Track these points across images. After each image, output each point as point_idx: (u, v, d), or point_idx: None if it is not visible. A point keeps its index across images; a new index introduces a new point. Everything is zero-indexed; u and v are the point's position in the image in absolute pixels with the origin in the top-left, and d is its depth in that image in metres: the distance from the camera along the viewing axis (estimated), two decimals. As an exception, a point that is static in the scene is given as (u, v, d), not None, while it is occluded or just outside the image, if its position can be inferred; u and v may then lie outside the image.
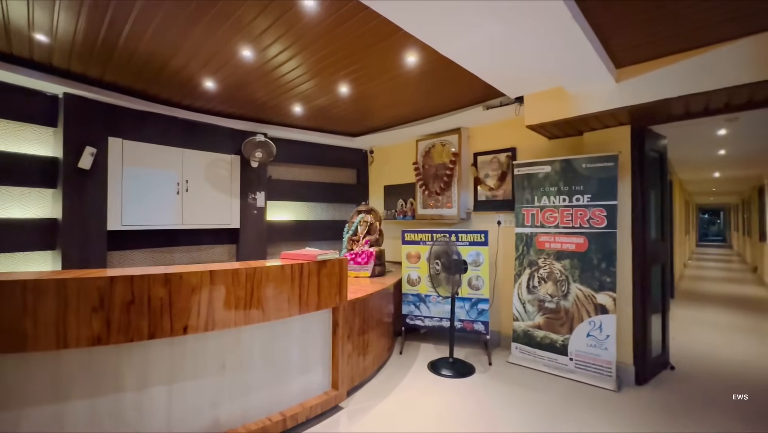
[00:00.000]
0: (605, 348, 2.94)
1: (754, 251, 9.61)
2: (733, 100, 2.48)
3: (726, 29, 2.13)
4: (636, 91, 2.56)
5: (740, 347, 3.92)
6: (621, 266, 3.01)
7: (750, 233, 10.48)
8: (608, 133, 3.15)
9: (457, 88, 3.27)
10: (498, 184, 3.93)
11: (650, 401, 2.71)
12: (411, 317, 3.86)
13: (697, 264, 11.72)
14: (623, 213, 3.03)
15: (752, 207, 9.71)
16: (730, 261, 12.76)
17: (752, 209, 9.74)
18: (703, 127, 3.65)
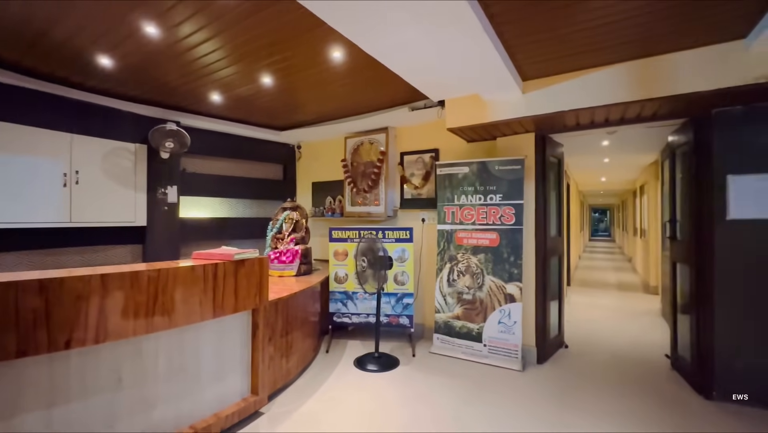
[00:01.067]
0: (513, 333, 3.25)
1: (629, 244, 11.49)
2: (611, 116, 2.93)
3: (605, 55, 2.50)
4: (538, 102, 2.88)
5: (620, 324, 4.66)
6: (526, 259, 3.36)
7: (627, 229, 12.51)
8: (517, 139, 3.49)
9: (384, 87, 3.33)
10: (423, 183, 4.10)
11: (548, 376, 3.07)
12: (338, 314, 3.84)
13: (589, 256, 13.63)
14: (528, 211, 3.39)
15: (629, 207, 11.61)
16: (613, 253, 15.08)
17: (628, 209, 11.64)
18: (591, 138, 4.24)
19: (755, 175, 2.52)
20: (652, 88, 2.48)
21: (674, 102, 2.57)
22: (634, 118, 2.99)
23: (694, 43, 2.33)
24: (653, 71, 2.48)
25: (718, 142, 2.65)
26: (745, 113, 2.58)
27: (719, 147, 2.64)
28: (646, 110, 2.78)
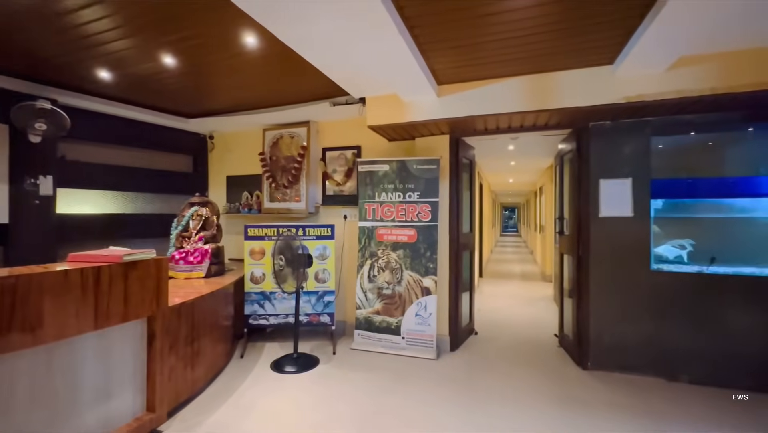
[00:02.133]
0: (429, 324, 3.43)
1: (531, 238, 12.97)
2: (513, 123, 3.25)
3: (510, 67, 2.75)
4: (452, 106, 3.06)
5: (521, 310, 5.22)
6: (441, 254, 3.57)
7: (530, 225, 14.10)
8: (433, 140, 3.67)
9: (304, 80, 3.22)
10: (345, 179, 4.09)
11: (460, 362, 3.31)
12: (255, 316, 3.64)
13: (500, 250, 15.05)
14: (443, 209, 3.60)
15: (531, 206, 13.09)
16: (519, 247, 16.88)
17: (531, 208, 13.13)
18: (498, 142, 4.66)
19: (616, 180, 3.02)
20: (545, 101, 2.81)
21: (561, 114, 2.95)
22: (532, 126, 3.36)
23: (576, 65, 2.69)
24: (546, 86, 2.81)
25: (593, 151, 3.11)
26: (613, 127, 3.08)
27: (594, 155, 3.11)
28: (540, 120, 3.15)
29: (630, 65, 2.45)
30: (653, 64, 2.42)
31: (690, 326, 2.88)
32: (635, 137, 3.02)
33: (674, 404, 2.58)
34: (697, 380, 2.86)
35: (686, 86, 2.48)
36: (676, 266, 3.04)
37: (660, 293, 2.95)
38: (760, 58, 2.34)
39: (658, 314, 2.96)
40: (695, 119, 2.92)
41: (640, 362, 3.00)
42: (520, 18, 2.08)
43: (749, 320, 2.76)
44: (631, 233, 3.02)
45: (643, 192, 3.00)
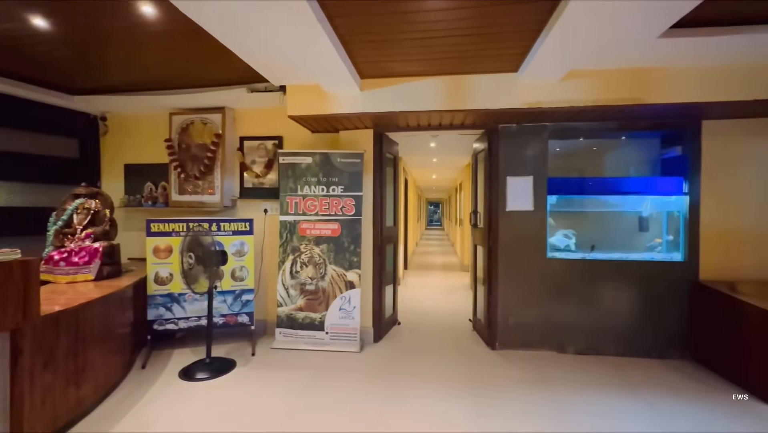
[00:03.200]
0: (353, 318, 3.45)
1: (453, 232, 13.85)
2: (432, 121, 3.40)
3: (430, 66, 2.85)
4: (375, 101, 3.08)
5: (441, 299, 5.54)
6: (365, 247, 3.60)
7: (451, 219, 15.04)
8: (357, 134, 3.67)
9: (219, 61, 2.95)
10: (265, 171, 3.88)
11: (383, 352, 3.39)
12: (160, 321, 3.28)
13: (425, 243, 15.79)
14: (367, 203, 3.63)
15: (453, 201, 13.95)
16: (443, 240, 17.91)
17: (453, 203, 13.99)
18: (421, 139, 4.84)
19: (520, 177, 3.37)
20: (460, 101, 2.99)
21: (474, 115, 3.17)
22: (449, 125, 3.55)
23: (488, 69, 2.90)
24: (461, 87, 2.99)
25: (501, 151, 3.41)
26: (518, 130, 3.40)
27: (502, 154, 3.41)
28: (456, 119, 3.34)
29: (531, 74, 2.72)
30: (549, 75, 2.72)
31: (575, 304, 3.35)
32: (535, 140, 3.38)
33: (563, 371, 2.98)
34: (580, 350, 3.34)
35: (575, 97, 2.84)
36: (566, 254, 3.50)
37: (553, 278, 3.37)
38: (629, 77, 2.78)
39: (551, 296, 3.37)
40: (582, 126, 3.37)
41: (538, 339, 3.40)
42: (437, 19, 2.17)
43: (615, 297, 3.30)
44: (531, 225, 3.38)
45: (541, 189, 3.38)
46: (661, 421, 2.29)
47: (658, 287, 3.25)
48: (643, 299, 3.27)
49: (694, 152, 3.24)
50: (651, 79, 2.77)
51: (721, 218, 3.22)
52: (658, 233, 3.61)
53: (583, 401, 2.53)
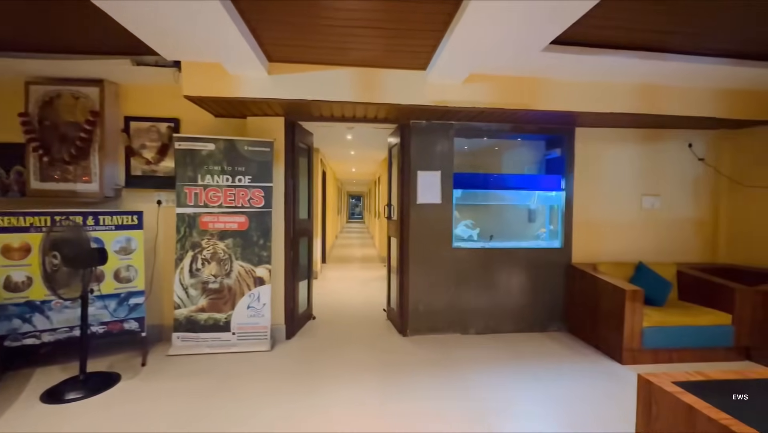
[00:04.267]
0: (263, 315, 3.27)
1: (372, 224, 14.12)
2: (346, 112, 3.37)
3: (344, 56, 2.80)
4: (285, 87, 2.93)
5: (358, 291, 5.59)
6: (275, 241, 3.43)
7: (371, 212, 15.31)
8: (267, 121, 3.46)
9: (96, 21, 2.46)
10: (158, 157, 3.42)
11: (296, 348, 3.30)
12: (15, 336, 2.69)
13: (345, 236, 15.80)
14: (278, 194, 3.46)
15: (372, 195, 14.19)
16: (363, 233, 18.13)
17: (372, 196, 14.23)
18: (337, 131, 4.78)
19: (429, 172, 3.55)
20: (373, 94, 3.01)
21: (387, 109, 3.23)
22: (363, 117, 3.56)
23: (400, 65, 2.97)
24: (375, 80, 3.00)
25: (413, 146, 3.55)
26: (428, 126, 3.57)
27: (413, 149, 3.55)
28: (370, 112, 3.36)
29: (437, 73, 2.86)
30: (453, 75, 2.90)
31: (477, 289, 3.68)
32: (443, 137, 3.59)
33: (465, 351, 3.25)
34: (480, 330, 3.69)
35: (476, 98, 3.07)
36: (469, 243, 3.81)
37: (458, 266, 3.64)
38: (521, 85, 3.11)
39: (456, 283, 3.65)
40: (483, 126, 3.68)
41: (445, 323, 3.65)
42: (348, 8, 2.13)
43: (509, 281, 3.71)
44: (439, 217, 3.60)
45: (448, 183, 3.60)
46: (541, 385, 2.65)
47: (542, 270, 3.75)
48: (531, 281, 3.74)
49: (569, 154, 3.78)
50: (537, 88, 3.13)
51: (587, 210, 3.84)
52: (543, 224, 4.15)
53: (480, 376, 2.79)
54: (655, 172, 3.95)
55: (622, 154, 3.90)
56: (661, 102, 3.28)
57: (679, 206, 3.99)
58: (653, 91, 3.27)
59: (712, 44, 2.70)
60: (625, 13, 2.27)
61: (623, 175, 3.91)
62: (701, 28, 2.45)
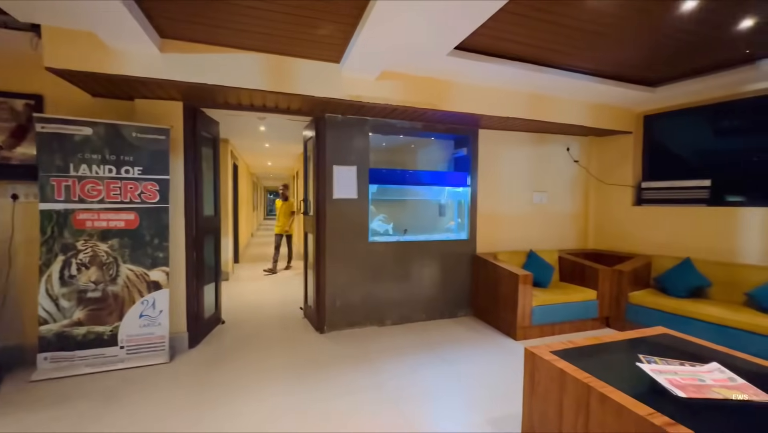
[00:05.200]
0: (159, 324, 2.91)
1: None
2: (256, 101, 3.16)
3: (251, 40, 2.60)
4: (182, 67, 2.62)
5: (274, 290, 5.34)
6: (174, 241, 3.08)
7: (291, 208, 14.74)
8: (161, 105, 3.07)
9: None
10: (12, 141, 2.79)
11: (200, 358, 3.01)
12: None
13: (262, 233, 14.96)
14: (176, 188, 3.10)
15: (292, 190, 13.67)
16: (282, 229, 17.38)
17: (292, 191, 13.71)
18: (248, 121, 4.48)
19: (345, 167, 3.54)
20: (285, 84, 2.87)
21: (301, 101, 3.11)
22: (275, 108, 3.39)
23: (313, 56, 2.88)
24: (287, 69, 2.87)
25: (329, 140, 3.49)
26: (344, 121, 3.55)
27: (329, 143, 3.50)
28: (282, 102, 3.21)
29: (350, 68, 2.85)
30: (366, 71, 2.92)
31: (392, 282, 3.80)
32: (359, 132, 3.60)
33: (381, 342, 3.33)
34: (396, 321, 3.82)
35: (389, 96, 3.14)
36: (385, 237, 3.91)
37: (374, 260, 3.71)
38: (431, 86, 3.27)
39: (373, 276, 3.72)
40: (397, 123, 3.79)
41: (362, 317, 3.70)
42: (249, -13, 1.98)
43: (422, 272, 3.92)
44: (356, 212, 3.61)
45: (364, 178, 3.64)
46: (449, 368, 2.86)
47: (451, 261, 4.03)
48: (441, 271, 3.99)
49: (474, 153, 4.12)
50: (445, 89, 3.33)
51: (489, 205, 4.24)
52: (452, 217, 4.46)
53: (395, 365, 2.89)
54: (543, 171, 4.53)
55: (517, 154, 4.39)
56: (547, 110, 3.77)
57: (561, 201, 4.65)
58: (541, 100, 3.74)
59: (585, 64, 3.18)
60: (517, 29, 2.54)
61: (518, 173, 4.40)
62: (576, 49, 2.86)
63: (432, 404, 2.35)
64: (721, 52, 2.93)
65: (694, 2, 2.22)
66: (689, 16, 2.38)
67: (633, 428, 1.35)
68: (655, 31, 2.59)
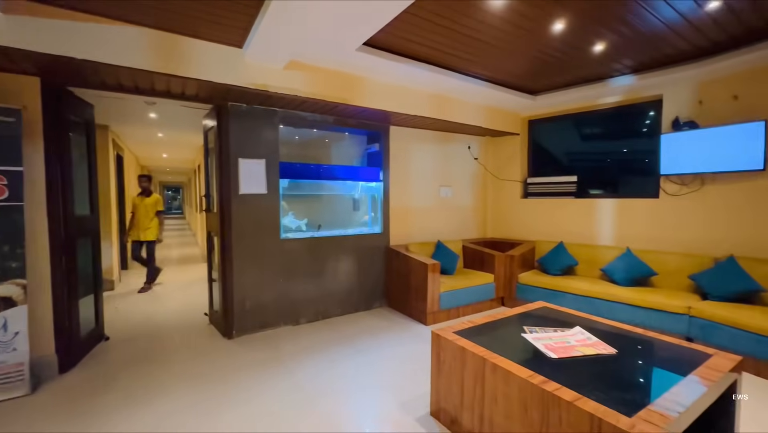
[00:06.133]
0: (14, 349, 2.38)
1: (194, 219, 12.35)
2: (141, 82, 2.76)
3: (132, 10, 2.25)
4: (36, 35, 2.14)
5: (172, 296, 4.78)
6: (35, 246, 2.54)
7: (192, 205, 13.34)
8: (6, 80, 2.48)
9: None
10: None
11: (74, 382, 2.54)
12: None
13: (158, 234, 13.22)
14: (35, 183, 2.55)
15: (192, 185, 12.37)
16: (184, 229, 15.65)
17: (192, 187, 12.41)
18: (134, 106, 3.89)
19: (253, 160, 3.34)
20: (178, 66, 2.56)
21: (198, 86, 2.82)
22: (166, 92, 3.01)
23: (212, 37, 2.62)
24: (180, 49, 2.56)
25: (233, 131, 3.24)
26: (250, 111, 3.33)
27: (233, 135, 3.25)
28: (175, 86, 2.86)
29: (255, 54, 2.68)
30: (272, 59, 2.78)
31: (307, 278, 3.72)
32: (267, 123, 3.42)
33: (296, 342, 3.25)
34: (311, 318, 3.76)
35: (298, 87, 3.04)
36: (298, 234, 3.80)
37: (287, 257, 3.59)
38: (342, 80, 3.26)
39: (286, 274, 3.59)
40: (308, 116, 3.69)
41: (275, 317, 3.55)
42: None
43: (337, 267, 3.93)
44: (265, 208, 3.44)
45: (274, 172, 3.47)
46: (364, 359, 2.92)
47: (366, 254, 4.11)
48: (356, 265, 4.05)
49: (385, 149, 4.25)
50: (356, 84, 3.36)
51: (401, 199, 4.43)
52: (366, 212, 4.54)
53: (310, 363, 2.85)
54: (449, 167, 4.90)
55: (425, 151, 4.66)
56: (450, 110, 4.08)
57: (464, 195, 5.09)
58: (445, 101, 4.02)
59: (482, 71, 3.52)
60: (423, 32, 2.68)
61: (427, 169, 4.68)
62: (474, 56, 3.14)
63: (348, 397, 2.37)
64: (582, 69, 3.52)
65: (560, 26, 2.61)
66: (556, 37, 2.80)
67: (517, 388, 1.56)
68: (533, 48, 2.99)
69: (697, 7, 2.38)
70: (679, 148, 3.46)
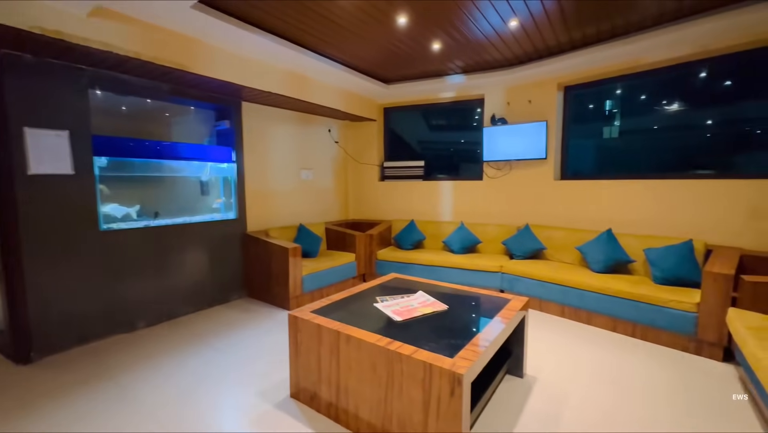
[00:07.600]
0: None
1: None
2: None
3: None
4: None
5: None
6: None
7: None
8: None
9: None
10: None
11: None
12: None
13: None
14: None
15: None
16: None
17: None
18: None
19: (49, 131, 2.58)
20: None
21: (-63, 19, 1.97)
22: None
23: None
24: None
25: (9, 90, 2.41)
26: (40, 65, 2.53)
27: (11, 95, 2.41)
28: None
29: (40, -11, 2.03)
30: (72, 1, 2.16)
31: (144, 276, 3.15)
32: (70, 84, 2.67)
33: (132, 351, 2.74)
34: (153, 321, 3.23)
35: (112, 41, 2.46)
36: (126, 224, 3.16)
37: (113, 252, 2.95)
38: (177, 41, 2.78)
39: (114, 273, 2.96)
40: (134, 81, 3.05)
41: (101, 326, 2.90)
42: None
43: (183, 259, 3.46)
44: (74, 192, 2.72)
45: (85, 148, 2.76)
46: (219, 355, 2.69)
47: (219, 243, 3.74)
48: (207, 255, 3.64)
49: (237, 127, 3.89)
50: (197, 50, 2.93)
51: (258, 182, 4.16)
52: (217, 196, 4.10)
53: (150, 372, 2.45)
54: (309, 150, 4.83)
55: (285, 132, 4.47)
56: (309, 91, 3.99)
57: (325, 178, 5.13)
58: (303, 81, 3.91)
59: (339, 54, 3.53)
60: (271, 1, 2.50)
61: (287, 150, 4.51)
62: (331, 38, 3.12)
63: (199, 399, 2.15)
64: (425, 64, 3.94)
65: (403, 20, 2.84)
66: (402, 30, 3.04)
67: (368, 353, 1.70)
68: (382, 37, 3.18)
69: (503, 24, 2.94)
70: (496, 140, 4.28)
